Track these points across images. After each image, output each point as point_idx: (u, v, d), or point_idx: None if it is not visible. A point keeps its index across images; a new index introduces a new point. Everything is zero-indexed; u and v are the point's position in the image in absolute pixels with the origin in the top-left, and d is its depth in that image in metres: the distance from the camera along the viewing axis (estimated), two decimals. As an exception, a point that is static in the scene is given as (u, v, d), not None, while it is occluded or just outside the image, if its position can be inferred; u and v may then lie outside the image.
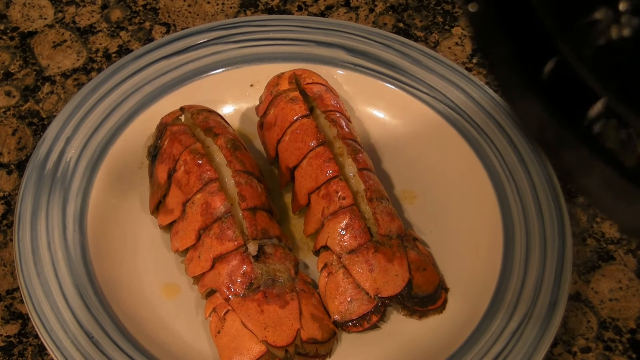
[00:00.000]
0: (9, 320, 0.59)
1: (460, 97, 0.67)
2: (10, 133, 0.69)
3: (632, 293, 0.62)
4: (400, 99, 0.68)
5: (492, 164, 0.63)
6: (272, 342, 0.53)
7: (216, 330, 0.55)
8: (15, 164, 0.67)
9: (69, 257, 0.57)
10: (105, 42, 0.75)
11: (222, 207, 0.56)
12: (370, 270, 0.56)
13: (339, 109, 0.63)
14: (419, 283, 0.57)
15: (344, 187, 0.58)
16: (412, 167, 0.66)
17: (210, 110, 0.63)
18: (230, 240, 0.55)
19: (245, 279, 0.55)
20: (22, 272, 0.56)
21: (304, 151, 0.60)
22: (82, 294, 0.56)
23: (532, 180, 0.62)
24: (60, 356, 0.52)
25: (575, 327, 0.60)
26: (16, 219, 0.58)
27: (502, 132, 0.65)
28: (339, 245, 0.57)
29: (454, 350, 0.55)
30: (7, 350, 0.57)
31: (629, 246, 0.64)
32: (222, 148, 0.59)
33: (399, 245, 0.58)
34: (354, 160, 0.60)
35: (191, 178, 0.57)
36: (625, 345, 0.59)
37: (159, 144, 0.61)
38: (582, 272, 0.63)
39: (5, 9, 0.77)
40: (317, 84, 0.64)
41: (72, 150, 0.62)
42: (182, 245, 0.58)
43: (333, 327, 0.56)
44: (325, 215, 0.58)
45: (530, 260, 0.58)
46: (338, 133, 0.61)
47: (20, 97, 0.71)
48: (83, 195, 0.61)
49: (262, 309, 0.54)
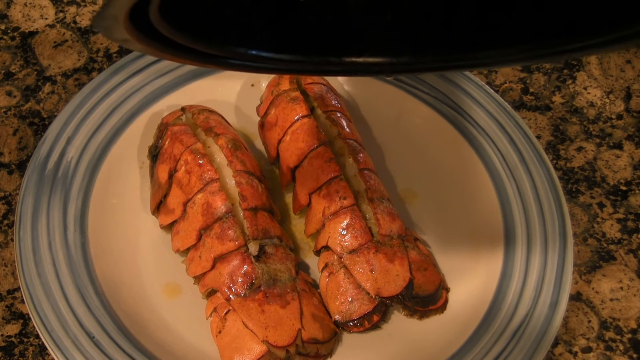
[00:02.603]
0: (9, 320, 0.59)
1: (461, 97, 0.67)
2: (11, 133, 0.69)
3: (633, 293, 0.62)
4: (401, 99, 0.68)
5: (493, 164, 0.63)
6: (273, 342, 0.53)
7: (217, 330, 0.55)
8: (16, 164, 0.67)
9: (70, 257, 0.57)
10: (106, 42, 0.75)
11: (223, 207, 0.56)
12: (371, 270, 0.56)
13: (339, 108, 0.63)
14: (419, 283, 0.57)
15: (344, 187, 0.58)
16: (412, 167, 0.67)
17: (211, 110, 0.63)
18: (231, 240, 0.55)
19: (246, 278, 0.55)
20: (22, 272, 0.56)
21: (305, 151, 0.60)
22: (83, 293, 0.56)
23: (533, 180, 0.62)
24: (61, 356, 0.52)
25: (576, 327, 0.60)
26: (17, 219, 0.58)
27: (503, 132, 0.65)
28: (340, 245, 0.57)
29: (455, 350, 0.55)
30: (7, 350, 0.57)
31: (630, 246, 0.64)
32: (223, 148, 0.59)
33: (400, 245, 0.58)
34: (355, 160, 0.60)
35: (192, 178, 0.57)
36: (626, 345, 0.59)
37: (160, 144, 0.61)
38: (583, 272, 0.63)
39: (7, 9, 0.77)
40: (318, 84, 0.64)
41: (73, 150, 0.62)
42: (183, 245, 0.58)
43: (334, 327, 0.56)
44: (326, 215, 0.58)
45: (531, 260, 0.58)
46: (339, 133, 0.61)
47: (21, 97, 0.71)
48: (84, 195, 0.61)
49: (263, 309, 0.54)
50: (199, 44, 0.36)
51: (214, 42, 0.36)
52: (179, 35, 0.34)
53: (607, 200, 0.67)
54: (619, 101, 0.74)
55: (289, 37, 0.38)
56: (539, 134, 0.71)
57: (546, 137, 0.71)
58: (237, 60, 0.38)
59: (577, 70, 0.76)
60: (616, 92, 0.74)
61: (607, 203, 0.67)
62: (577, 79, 0.75)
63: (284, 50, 0.38)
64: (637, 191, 0.68)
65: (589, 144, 0.71)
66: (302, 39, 0.39)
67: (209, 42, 0.36)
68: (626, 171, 0.69)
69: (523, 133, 0.64)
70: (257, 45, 0.37)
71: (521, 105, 0.73)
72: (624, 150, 0.70)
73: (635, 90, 0.74)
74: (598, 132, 0.71)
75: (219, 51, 0.37)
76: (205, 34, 0.36)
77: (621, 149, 0.70)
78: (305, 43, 0.39)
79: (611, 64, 0.76)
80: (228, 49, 0.37)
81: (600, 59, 0.77)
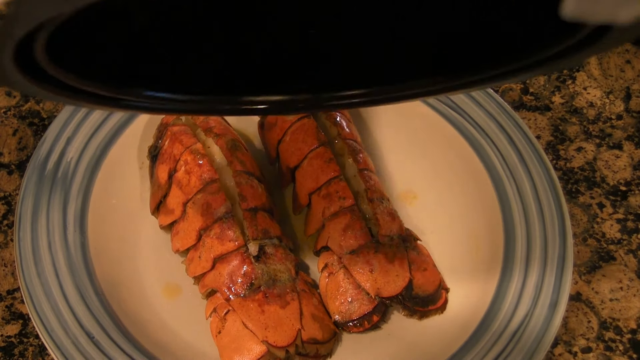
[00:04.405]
0: (9, 321, 0.59)
1: (461, 97, 0.67)
2: (10, 133, 0.69)
3: (633, 293, 0.62)
4: (400, 99, 0.68)
5: (493, 164, 0.63)
6: (272, 342, 0.53)
7: (217, 331, 0.55)
8: (15, 164, 0.67)
9: (70, 257, 0.57)
10: (106, 42, 0.75)
11: (222, 208, 0.56)
12: (370, 271, 0.56)
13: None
14: (419, 283, 0.57)
15: (344, 187, 0.58)
16: (412, 167, 0.67)
17: (210, 111, 0.63)
18: (231, 240, 0.55)
19: (245, 279, 0.55)
20: (22, 272, 0.56)
21: (305, 151, 0.60)
22: (83, 294, 0.56)
23: (533, 180, 0.62)
24: (60, 356, 0.52)
25: (576, 327, 0.60)
26: (17, 219, 0.58)
27: (503, 132, 0.65)
28: (340, 245, 0.57)
29: (455, 351, 0.55)
30: (7, 351, 0.57)
31: (630, 246, 0.64)
32: (222, 148, 0.59)
33: (400, 245, 0.58)
34: (355, 161, 0.60)
35: (192, 178, 0.57)
36: (626, 345, 0.59)
37: (160, 144, 0.61)
38: (583, 272, 0.63)
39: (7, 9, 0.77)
40: (317, 84, 0.64)
41: (73, 151, 0.62)
42: (182, 246, 0.58)
43: (334, 327, 0.56)
44: (325, 216, 0.58)
45: (530, 261, 0.58)
46: (339, 133, 0.61)
47: (21, 97, 0.71)
48: (84, 196, 0.61)
49: (262, 309, 0.54)
50: (92, 86, 0.35)
51: (108, 83, 0.35)
52: (71, 76, 0.33)
53: (607, 201, 0.67)
54: (618, 101, 0.74)
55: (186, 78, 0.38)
56: (539, 134, 0.71)
57: (546, 137, 0.71)
58: (133, 102, 0.37)
59: (577, 71, 0.76)
60: (616, 92, 0.74)
61: (607, 203, 0.67)
62: (576, 79, 0.75)
63: (181, 91, 0.38)
64: (637, 191, 0.68)
65: (588, 144, 0.71)
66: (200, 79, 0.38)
67: (102, 83, 0.35)
68: (626, 171, 0.69)
69: (523, 133, 0.64)
70: (153, 86, 0.37)
71: (521, 106, 0.73)
72: (623, 150, 0.70)
73: (635, 90, 0.74)
74: (598, 132, 0.71)
75: (115, 93, 0.36)
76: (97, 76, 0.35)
77: (621, 149, 0.70)
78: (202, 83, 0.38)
79: (611, 64, 0.76)
80: (123, 90, 0.36)
81: (600, 59, 0.77)
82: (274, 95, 0.39)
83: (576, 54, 0.32)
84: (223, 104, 0.39)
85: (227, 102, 0.39)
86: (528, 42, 0.33)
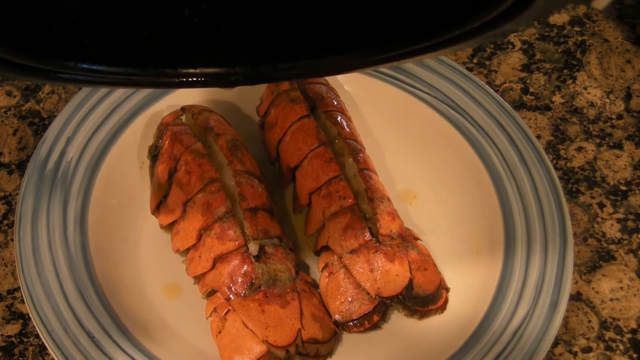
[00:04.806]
0: (9, 320, 0.59)
1: (461, 97, 0.67)
2: (11, 133, 0.69)
3: (633, 293, 0.62)
4: (401, 99, 0.68)
5: (493, 163, 0.63)
6: (273, 342, 0.53)
7: (217, 330, 0.55)
8: (16, 164, 0.67)
9: (70, 257, 0.57)
10: (106, 42, 0.75)
11: (223, 207, 0.56)
12: (371, 270, 0.56)
13: (340, 109, 0.63)
14: (419, 283, 0.57)
15: (344, 187, 0.58)
16: (412, 167, 0.67)
17: (210, 110, 0.63)
18: (231, 240, 0.55)
19: (246, 278, 0.55)
20: (22, 272, 0.56)
21: (305, 151, 0.60)
22: (83, 293, 0.56)
23: (533, 180, 0.62)
24: (61, 356, 0.52)
25: (576, 327, 0.60)
26: (17, 219, 0.58)
27: (503, 132, 0.65)
28: (340, 245, 0.57)
29: (455, 350, 0.55)
30: (7, 350, 0.57)
31: (630, 246, 0.64)
32: (222, 148, 0.59)
33: (400, 245, 0.58)
34: (355, 160, 0.60)
35: (192, 178, 0.57)
36: (626, 345, 0.59)
37: (160, 144, 0.61)
38: (583, 272, 0.63)
39: (6, 9, 0.77)
40: (318, 84, 0.64)
41: (73, 150, 0.62)
42: (183, 245, 0.58)
43: (334, 327, 0.56)
44: (326, 216, 0.58)
45: (531, 260, 0.58)
46: (339, 133, 0.61)
47: (21, 97, 0.71)
48: (84, 195, 0.61)
49: (263, 308, 0.54)
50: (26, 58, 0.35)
51: (41, 56, 0.36)
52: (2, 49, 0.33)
53: (607, 200, 0.67)
54: (619, 101, 0.74)
55: (122, 50, 0.38)
56: (539, 134, 0.71)
57: (546, 137, 0.71)
58: (68, 74, 0.37)
59: (577, 70, 0.76)
60: (616, 92, 0.74)
61: (607, 203, 0.67)
62: (577, 79, 0.75)
63: (117, 63, 0.38)
64: (637, 191, 0.68)
65: (589, 144, 0.71)
66: (136, 51, 0.38)
67: (36, 56, 0.35)
68: (626, 171, 0.69)
69: (523, 133, 0.64)
70: (87, 58, 0.37)
71: (521, 105, 0.73)
72: (624, 150, 0.70)
73: (635, 90, 0.74)
74: (598, 132, 0.71)
75: (48, 65, 0.36)
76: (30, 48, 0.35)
77: (621, 149, 0.70)
78: (138, 55, 0.38)
79: (611, 64, 0.76)
80: (57, 63, 0.36)
81: (600, 59, 0.77)
82: (211, 68, 0.39)
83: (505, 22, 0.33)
84: (160, 77, 0.39)
85: (164, 75, 0.39)
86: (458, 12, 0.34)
